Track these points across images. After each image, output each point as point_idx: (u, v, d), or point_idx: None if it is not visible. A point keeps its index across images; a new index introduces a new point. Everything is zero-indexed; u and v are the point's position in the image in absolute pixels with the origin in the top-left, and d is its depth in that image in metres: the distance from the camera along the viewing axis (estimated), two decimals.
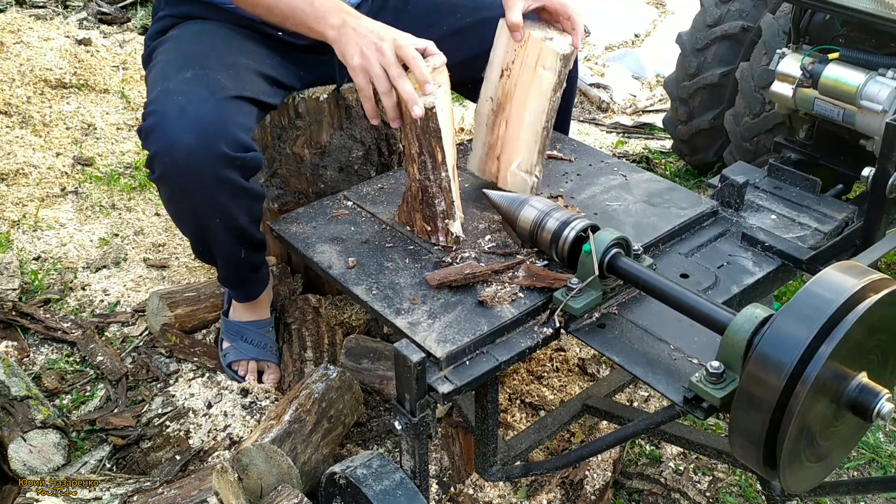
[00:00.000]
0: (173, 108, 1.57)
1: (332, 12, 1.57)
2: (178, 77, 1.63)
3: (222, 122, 1.58)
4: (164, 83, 1.63)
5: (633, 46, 4.42)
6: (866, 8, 1.80)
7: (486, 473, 1.57)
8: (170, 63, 1.71)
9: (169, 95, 1.59)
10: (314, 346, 2.05)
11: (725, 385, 1.18)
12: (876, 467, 1.91)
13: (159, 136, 1.57)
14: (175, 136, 1.55)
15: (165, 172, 1.59)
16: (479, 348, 1.38)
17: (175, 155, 1.56)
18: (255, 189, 1.70)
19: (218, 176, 1.59)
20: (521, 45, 1.65)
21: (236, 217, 1.68)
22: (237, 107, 1.64)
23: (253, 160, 1.64)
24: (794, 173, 1.89)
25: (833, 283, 1.08)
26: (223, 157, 1.57)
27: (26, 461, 1.75)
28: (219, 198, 1.62)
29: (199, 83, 1.62)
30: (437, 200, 1.58)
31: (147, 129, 1.59)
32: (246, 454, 1.58)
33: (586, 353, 2.14)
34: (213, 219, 1.67)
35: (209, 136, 1.55)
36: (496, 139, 1.73)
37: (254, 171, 1.67)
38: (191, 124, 1.55)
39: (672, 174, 3.14)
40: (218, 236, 1.71)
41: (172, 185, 1.63)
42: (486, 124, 1.74)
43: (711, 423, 1.97)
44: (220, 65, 1.69)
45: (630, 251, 1.42)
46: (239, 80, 1.68)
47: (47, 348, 2.17)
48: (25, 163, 2.88)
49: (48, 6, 4.36)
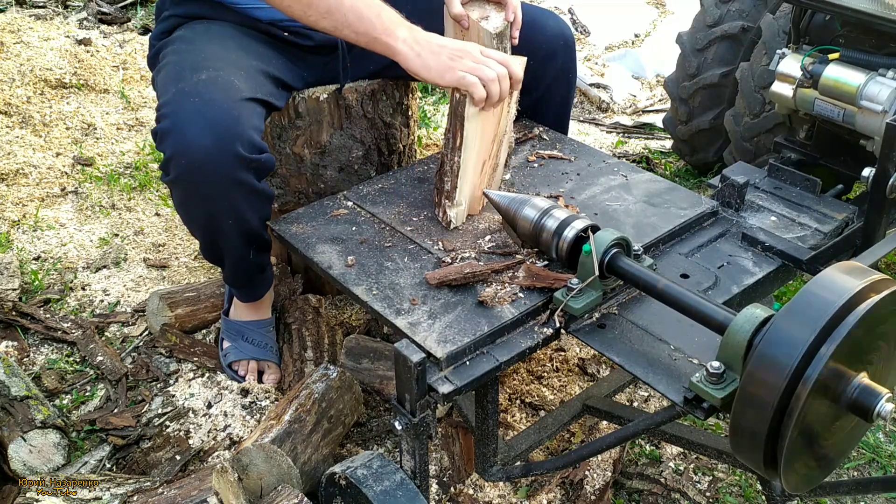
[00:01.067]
0: (189, 110, 1.56)
1: (399, 25, 1.59)
2: (192, 78, 1.62)
3: (238, 123, 1.58)
4: (177, 84, 1.62)
5: (633, 46, 4.42)
6: (866, 8, 1.80)
7: (486, 473, 1.57)
8: (181, 64, 1.70)
9: (184, 97, 1.59)
10: (314, 346, 2.05)
11: (726, 385, 1.18)
12: (876, 467, 1.91)
13: (175, 138, 1.56)
14: (191, 138, 1.55)
15: (181, 174, 1.59)
16: (480, 348, 1.38)
17: (192, 157, 1.55)
18: (267, 190, 1.71)
19: (234, 178, 1.59)
20: (466, 31, 1.73)
21: (248, 218, 1.69)
22: (251, 108, 1.64)
23: (266, 161, 1.64)
24: (794, 173, 1.89)
25: (834, 283, 1.08)
26: (239, 158, 1.57)
27: (26, 461, 1.75)
28: (233, 199, 1.63)
29: (214, 85, 1.61)
30: (446, 179, 1.64)
31: (162, 131, 1.58)
32: (246, 454, 1.58)
33: (586, 353, 2.14)
34: (226, 220, 1.67)
35: (226, 138, 1.55)
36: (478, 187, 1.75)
37: (267, 173, 1.67)
38: (207, 126, 1.55)
39: (672, 174, 3.14)
40: (229, 237, 1.72)
41: (188, 187, 1.62)
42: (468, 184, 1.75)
43: (711, 423, 1.97)
44: (233, 66, 1.69)
45: (630, 251, 1.42)
46: (251, 81, 1.68)
47: (47, 348, 2.16)
48: (25, 163, 2.88)
49: (48, 6, 4.36)
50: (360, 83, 2.01)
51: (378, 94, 2.03)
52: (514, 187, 1.80)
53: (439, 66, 1.56)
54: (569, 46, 2.02)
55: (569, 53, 2.02)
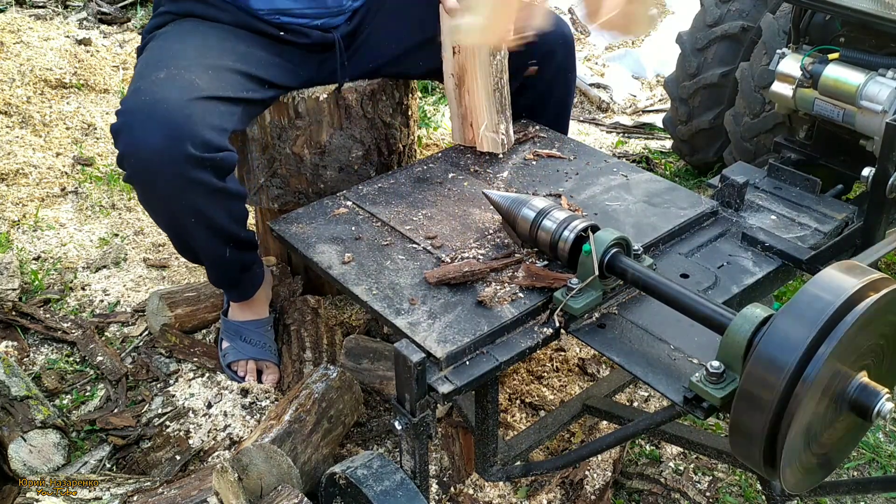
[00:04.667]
0: (141, 109, 1.57)
1: None
2: (150, 77, 1.63)
3: (189, 122, 1.57)
4: (137, 83, 1.63)
5: (633, 46, 4.42)
6: (866, 8, 1.80)
7: (486, 473, 1.57)
8: (148, 62, 1.71)
9: (139, 95, 1.59)
10: (313, 346, 2.05)
11: (725, 385, 1.18)
12: (876, 467, 1.91)
13: (127, 136, 1.57)
14: (141, 137, 1.55)
15: (134, 174, 1.60)
16: (479, 348, 1.38)
17: (141, 157, 1.56)
18: (232, 188, 1.69)
19: (187, 177, 1.58)
20: None
21: (212, 217, 1.68)
22: (210, 107, 1.62)
23: (225, 160, 1.63)
24: (794, 173, 1.89)
25: (833, 282, 1.08)
26: (190, 157, 1.56)
27: (26, 461, 1.75)
28: (191, 198, 1.62)
29: (170, 84, 1.61)
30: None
31: (115, 129, 1.59)
32: (246, 454, 1.58)
33: (586, 353, 2.14)
34: (187, 219, 1.66)
35: (175, 137, 1.55)
36: (465, 109, 1.92)
37: (228, 171, 1.66)
38: (157, 125, 1.54)
39: (672, 174, 3.14)
40: (196, 237, 1.71)
41: (142, 186, 1.63)
42: (454, 98, 1.93)
43: (711, 423, 1.96)
44: (199, 65, 1.68)
45: (630, 251, 1.42)
46: (217, 80, 1.67)
47: (47, 348, 2.16)
48: (25, 163, 2.88)
49: (48, 6, 4.36)
50: (359, 83, 2.01)
51: (378, 93, 2.03)
52: (514, 187, 1.80)
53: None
54: (568, 45, 2.02)
55: (568, 52, 2.02)
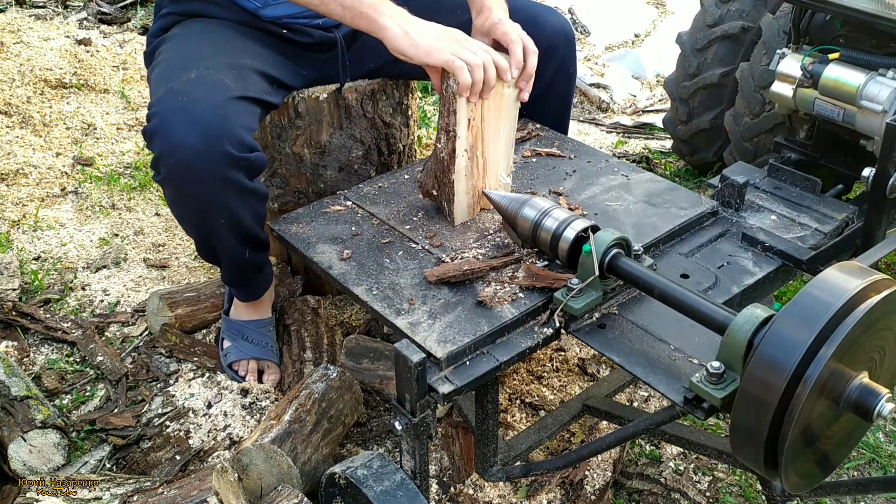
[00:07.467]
0: (177, 110, 1.57)
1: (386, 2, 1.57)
2: (181, 77, 1.63)
3: (226, 122, 1.58)
4: (167, 84, 1.63)
5: (633, 46, 4.42)
6: (866, 8, 1.80)
7: (486, 473, 1.57)
8: (173, 63, 1.71)
9: (173, 96, 1.59)
10: (313, 346, 2.05)
11: (726, 385, 1.18)
12: (876, 467, 1.91)
13: (163, 137, 1.57)
14: (179, 137, 1.55)
15: (171, 174, 1.60)
16: (480, 348, 1.38)
17: (180, 156, 1.56)
18: (260, 189, 1.70)
19: (223, 176, 1.59)
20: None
21: (241, 217, 1.69)
22: (241, 107, 1.64)
23: (257, 160, 1.65)
24: (794, 173, 1.89)
25: (834, 283, 1.08)
26: (228, 157, 1.58)
27: (26, 461, 1.75)
28: (224, 198, 1.63)
29: (203, 84, 1.62)
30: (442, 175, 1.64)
31: (151, 130, 1.59)
32: (246, 454, 1.58)
33: (586, 353, 2.14)
34: (218, 219, 1.67)
35: (213, 137, 1.56)
36: (476, 178, 1.68)
37: (258, 171, 1.67)
38: (195, 125, 1.55)
39: (672, 174, 3.14)
40: (223, 237, 1.72)
41: (178, 186, 1.63)
42: (465, 176, 1.66)
43: (711, 423, 1.96)
44: (224, 65, 1.69)
45: (630, 251, 1.42)
46: (242, 81, 1.69)
47: (47, 348, 2.16)
48: (25, 163, 2.88)
49: (48, 6, 4.36)
50: (359, 83, 2.01)
51: (378, 93, 2.03)
52: (514, 186, 1.80)
53: (427, 44, 1.53)
54: (569, 42, 2.02)
55: (569, 49, 2.02)
